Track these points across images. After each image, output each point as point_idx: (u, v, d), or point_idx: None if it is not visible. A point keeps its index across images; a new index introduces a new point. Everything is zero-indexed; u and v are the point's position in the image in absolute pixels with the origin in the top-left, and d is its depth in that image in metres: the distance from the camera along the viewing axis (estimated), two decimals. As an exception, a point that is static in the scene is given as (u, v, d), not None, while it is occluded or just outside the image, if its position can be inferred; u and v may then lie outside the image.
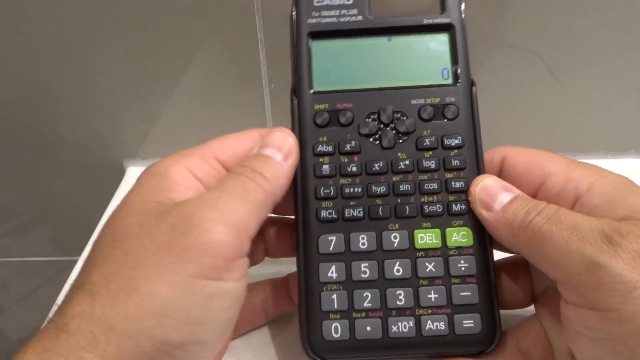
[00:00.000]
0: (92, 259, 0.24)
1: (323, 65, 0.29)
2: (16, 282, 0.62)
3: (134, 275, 0.22)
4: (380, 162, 0.28)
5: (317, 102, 0.28)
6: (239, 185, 0.25)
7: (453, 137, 0.28)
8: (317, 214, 0.28)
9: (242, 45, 0.42)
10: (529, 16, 0.40)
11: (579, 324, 0.23)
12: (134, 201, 0.25)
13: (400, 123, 0.28)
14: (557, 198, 0.26)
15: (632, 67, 0.42)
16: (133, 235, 0.23)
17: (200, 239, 0.23)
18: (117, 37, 0.42)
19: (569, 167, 0.26)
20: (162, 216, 0.24)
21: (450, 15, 0.29)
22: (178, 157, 0.27)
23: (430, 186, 0.28)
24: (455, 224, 0.27)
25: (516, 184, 0.27)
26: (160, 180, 0.26)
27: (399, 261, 0.27)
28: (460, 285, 0.27)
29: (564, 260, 0.23)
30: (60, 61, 0.44)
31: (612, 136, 0.47)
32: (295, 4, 0.29)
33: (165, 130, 0.48)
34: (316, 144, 0.28)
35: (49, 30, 0.42)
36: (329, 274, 0.27)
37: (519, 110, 0.45)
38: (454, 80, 0.29)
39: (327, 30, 0.29)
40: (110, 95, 0.46)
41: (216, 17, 0.41)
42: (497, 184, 0.27)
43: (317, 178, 0.28)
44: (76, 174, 0.51)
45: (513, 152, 0.28)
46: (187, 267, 0.23)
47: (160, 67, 0.44)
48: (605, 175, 0.26)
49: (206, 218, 0.23)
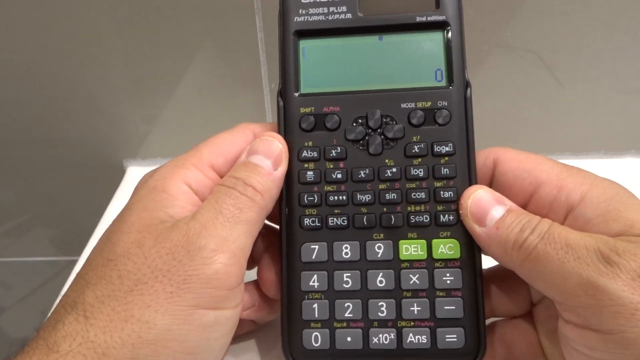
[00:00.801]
0: (87, 275, 0.23)
1: (310, 66, 0.28)
2: (16, 282, 0.62)
3: (129, 300, 0.22)
4: (367, 169, 0.27)
5: (303, 105, 0.28)
6: (232, 204, 0.24)
7: (444, 144, 0.27)
8: (301, 221, 0.27)
9: (242, 45, 0.42)
10: (529, 17, 0.40)
11: (578, 343, 0.23)
12: (132, 217, 0.25)
13: (389, 128, 0.27)
14: (550, 209, 0.25)
15: (632, 68, 0.42)
16: (130, 257, 0.23)
17: (200, 270, 0.23)
18: (117, 37, 0.42)
19: (561, 175, 0.26)
20: (160, 240, 0.23)
21: (445, 12, 0.27)
22: (174, 168, 0.26)
23: (417, 195, 0.27)
24: (443, 235, 0.26)
25: (507, 192, 0.26)
26: (157, 195, 0.25)
27: (382, 272, 0.26)
28: (444, 298, 0.26)
29: (561, 281, 0.22)
30: (60, 61, 0.44)
31: (612, 136, 0.47)
32: (281, 2, 0.28)
33: (165, 130, 0.48)
34: (301, 149, 0.27)
35: (49, 31, 0.42)
36: (310, 283, 0.27)
37: (519, 111, 0.45)
38: (448, 82, 0.27)
39: (315, 28, 0.28)
40: (110, 95, 0.46)
41: (216, 17, 0.41)
42: (490, 197, 0.26)
43: (302, 184, 0.27)
44: (76, 174, 0.52)
45: (505, 156, 0.27)
46: (186, 297, 0.22)
47: (160, 67, 0.44)
48: (598, 185, 0.25)
49: (205, 247, 0.23)
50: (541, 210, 0.26)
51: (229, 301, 0.24)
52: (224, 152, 0.27)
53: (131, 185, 0.28)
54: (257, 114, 0.46)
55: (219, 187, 0.26)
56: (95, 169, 0.51)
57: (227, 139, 0.28)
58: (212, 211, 0.24)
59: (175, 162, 0.27)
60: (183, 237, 0.23)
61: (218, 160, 0.27)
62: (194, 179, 0.26)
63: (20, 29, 0.42)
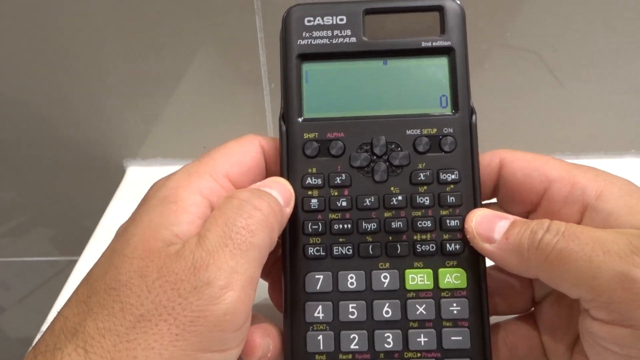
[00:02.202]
0: (89, 301, 0.22)
1: (313, 90, 0.27)
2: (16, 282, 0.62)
3: (132, 338, 0.21)
4: (372, 197, 0.26)
5: (306, 130, 0.27)
6: (244, 225, 0.23)
7: (449, 172, 0.26)
8: (305, 250, 0.26)
9: (242, 45, 0.42)
10: (529, 17, 0.40)
11: (609, 341, 0.22)
12: (136, 238, 0.23)
13: (394, 155, 0.27)
14: (564, 205, 0.25)
15: (632, 68, 0.42)
16: (132, 288, 0.22)
17: (208, 311, 0.21)
18: (117, 37, 0.42)
19: (572, 172, 0.25)
20: (164, 272, 0.22)
21: (450, 38, 0.27)
22: (188, 176, 0.25)
23: (423, 224, 0.26)
24: (449, 265, 0.26)
25: (517, 191, 0.26)
26: (166, 208, 0.24)
27: (389, 302, 0.26)
28: (451, 329, 0.26)
29: (590, 277, 0.22)
30: (60, 61, 0.44)
31: (612, 136, 0.47)
32: (284, 23, 0.27)
33: (165, 130, 0.48)
34: (305, 176, 0.27)
35: (49, 31, 0.42)
36: (315, 314, 0.26)
37: (519, 111, 0.45)
38: (453, 109, 0.27)
39: (319, 52, 0.27)
40: (110, 95, 0.46)
41: (216, 17, 0.41)
42: (491, 214, 0.25)
43: (305, 212, 0.27)
44: (76, 174, 0.52)
45: (511, 157, 0.27)
46: (192, 341, 0.21)
47: (160, 67, 0.44)
48: (613, 181, 0.25)
49: (214, 283, 0.21)
50: (554, 207, 0.25)
51: (236, 340, 0.22)
52: (238, 162, 0.26)
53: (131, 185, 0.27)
54: (257, 114, 0.46)
55: (228, 201, 0.24)
56: (95, 169, 0.51)
57: (238, 149, 0.27)
58: (221, 236, 0.23)
59: (189, 170, 0.26)
60: (189, 269, 0.22)
61: (233, 170, 0.26)
62: (209, 189, 0.25)
63: (20, 29, 0.42)
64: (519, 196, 0.26)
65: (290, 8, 0.27)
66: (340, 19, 0.27)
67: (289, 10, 0.27)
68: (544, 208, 0.26)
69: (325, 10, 0.27)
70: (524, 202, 0.27)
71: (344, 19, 0.27)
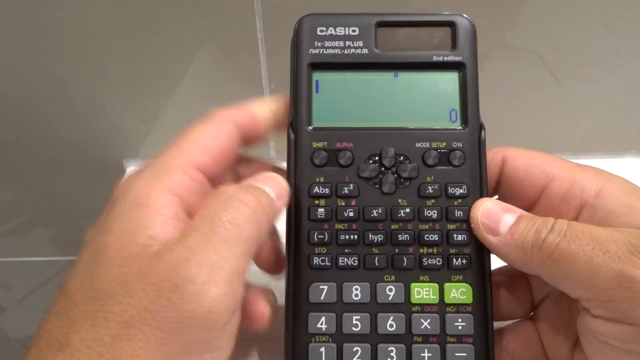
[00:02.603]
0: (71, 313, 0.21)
1: (323, 100, 0.27)
2: (16, 282, 0.62)
3: (117, 347, 0.20)
4: (379, 208, 0.26)
5: (315, 139, 0.27)
6: (229, 219, 0.22)
7: (458, 186, 0.26)
8: (310, 260, 0.26)
9: (242, 45, 0.42)
10: (529, 17, 0.40)
11: (609, 336, 0.22)
12: (111, 248, 0.22)
13: (403, 167, 0.27)
14: (562, 202, 0.25)
15: (632, 68, 0.42)
16: (114, 296, 0.21)
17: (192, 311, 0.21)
18: (117, 37, 0.42)
19: (573, 170, 0.26)
20: (144, 275, 0.21)
21: (461, 53, 0.27)
22: (156, 175, 0.24)
23: (430, 237, 0.26)
24: (455, 279, 0.26)
25: (517, 187, 0.27)
26: (136, 212, 0.23)
27: (393, 315, 0.26)
28: (455, 344, 0.26)
29: (590, 277, 0.22)
30: (60, 61, 0.44)
31: (612, 136, 0.47)
32: (296, 31, 0.27)
33: (165, 130, 0.48)
34: (312, 185, 0.26)
35: (49, 31, 0.42)
36: (318, 325, 0.26)
37: (520, 111, 0.45)
38: (463, 124, 0.27)
39: (330, 62, 0.27)
40: (110, 95, 0.46)
41: (216, 17, 0.41)
42: (498, 206, 0.25)
43: (312, 221, 0.26)
44: (76, 174, 0.51)
45: (514, 154, 0.27)
46: (179, 344, 0.21)
47: (160, 67, 0.44)
48: (613, 180, 0.25)
49: (194, 279, 0.21)
50: (553, 203, 0.25)
51: (224, 338, 0.22)
52: (208, 148, 0.26)
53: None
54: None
55: (215, 197, 0.23)
56: (95, 169, 0.51)
57: (207, 133, 0.26)
58: (204, 231, 0.22)
59: (157, 168, 0.25)
60: (169, 268, 0.21)
61: (203, 159, 0.25)
62: (181, 185, 0.24)
63: (20, 29, 0.42)
64: (519, 192, 0.27)
65: (303, 17, 0.27)
66: (353, 30, 0.27)
67: (302, 19, 0.27)
68: (543, 204, 0.26)
69: (337, 21, 0.27)
70: (523, 199, 0.27)
71: (356, 30, 0.27)
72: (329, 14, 0.27)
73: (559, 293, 0.24)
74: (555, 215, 0.24)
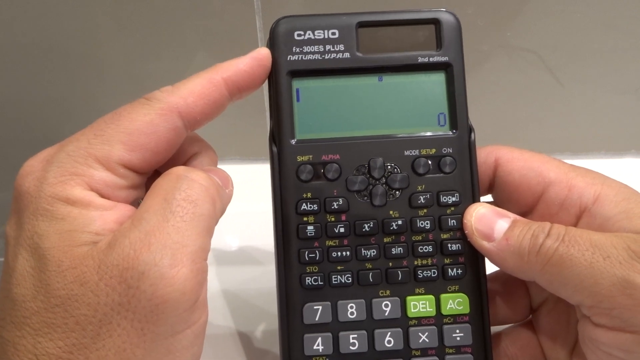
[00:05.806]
0: (30, 321, 0.20)
1: (305, 109, 0.26)
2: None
3: (100, 346, 0.20)
4: (371, 221, 0.25)
5: (299, 153, 0.25)
6: (184, 197, 0.21)
7: (450, 194, 0.26)
8: (301, 280, 0.25)
9: (242, 45, 0.42)
10: (530, 17, 0.40)
11: (612, 347, 0.22)
12: (54, 252, 0.20)
13: (393, 178, 0.26)
14: (561, 208, 0.25)
15: (632, 68, 0.42)
16: (78, 299, 0.20)
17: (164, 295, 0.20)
18: (117, 37, 0.42)
19: (570, 175, 0.25)
20: (103, 269, 0.20)
21: (447, 53, 0.26)
22: (72, 167, 0.22)
23: (424, 248, 0.25)
24: (451, 290, 0.25)
25: (514, 192, 0.26)
26: (66, 211, 0.21)
27: (391, 331, 0.25)
28: (454, 355, 0.25)
29: (591, 283, 0.21)
30: (61, 61, 0.44)
31: (612, 136, 0.47)
32: (271, 38, 0.26)
33: (165, 130, 0.48)
34: (299, 202, 0.25)
35: (49, 30, 0.42)
36: (314, 347, 0.25)
37: (519, 111, 0.45)
38: (451, 127, 0.26)
39: (310, 68, 0.25)
40: (111, 95, 0.46)
41: (216, 17, 0.41)
42: (491, 211, 0.25)
43: (301, 240, 0.25)
44: (76, 174, 0.51)
45: (508, 156, 0.26)
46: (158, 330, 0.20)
47: (160, 67, 0.44)
48: (611, 185, 0.24)
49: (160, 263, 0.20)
50: (551, 210, 0.25)
51: (200, 308, 0.22)
52: (140, 145, 0.23)
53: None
54: (257, 114, 0.46)
55: (164, 178, 0.22)
56: (95, 169, 0.51)
57: (143, 125, 0.23)
58: (161, 212, 0.21)
59: (73, 156, 0.22)
60: (128, 255, 0.20)
61: (132, 157, 0.22)
62: (102, 183, 0.22)
63: (19, 29, 0.42)
64: (515, 197, 0.26)
65: (279, 20, 0.26)
66: (332, 33, 0.26)
67: (277, 22, 0.26)
68: (541, 210, 0.26)
69: (316, 23, 0.26)
70: (520, 203, 0.26)
71: (336, 33, 0.26)
72: (306, 16, 0.26)
73: (557, 297, 0.24)
74: (554, 222, 0.24)
